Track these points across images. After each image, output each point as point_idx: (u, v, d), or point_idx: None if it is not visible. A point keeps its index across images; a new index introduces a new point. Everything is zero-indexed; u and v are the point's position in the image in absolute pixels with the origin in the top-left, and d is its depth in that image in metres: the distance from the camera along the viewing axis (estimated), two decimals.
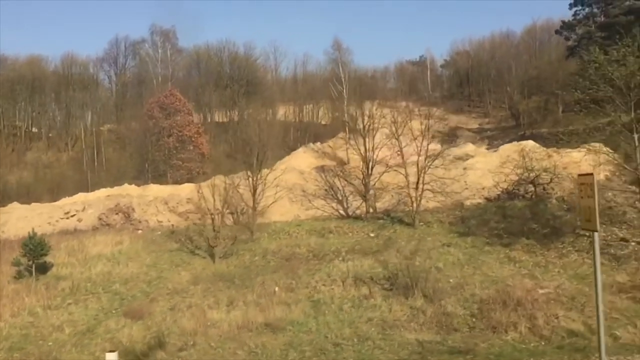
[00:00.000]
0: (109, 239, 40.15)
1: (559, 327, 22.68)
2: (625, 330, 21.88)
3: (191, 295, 30.50)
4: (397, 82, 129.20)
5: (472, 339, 22.64)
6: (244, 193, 42.74)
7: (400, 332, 23.73)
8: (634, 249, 30.81)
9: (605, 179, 43.01)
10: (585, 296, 25.16)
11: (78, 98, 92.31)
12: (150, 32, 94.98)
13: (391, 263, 31.23)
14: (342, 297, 28.40)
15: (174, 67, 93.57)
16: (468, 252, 33.41)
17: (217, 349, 23.76)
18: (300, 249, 36.78)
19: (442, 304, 25.76)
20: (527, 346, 21.91)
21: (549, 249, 32.31)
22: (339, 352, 22.65)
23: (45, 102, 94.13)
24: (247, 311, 27.13)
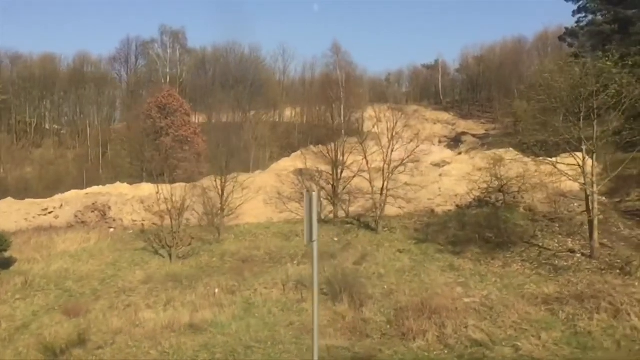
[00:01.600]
0: (78, 236, 41.04)
1: (466, 336, 22.81)
2: (528, 342, 21.98)
3: (136, 295, 31.14)
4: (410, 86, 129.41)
5: (379, 346, 22.92)
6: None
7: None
8: (577, 260, 30.77)
9: (580, 189, 42.85)
10: (505, 306, 25.28)
11: (88, 96, 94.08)
12: (160, 33, 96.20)
13: (339, 268, 31.46)
14: (277, 300, 28.81)
15: (182, 67, 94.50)
16: (417, 259, 33.65)
17: (133, 348, 24.30)
18: (259, 251, 37.32)
19: (363, 311, 26.00)
20: (429, 354, 22.13)
21: (495, 258, 32.41)
22: (248, 354, 23.06)
23: (56, 100, 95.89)
24: (178, 312, 27.64)
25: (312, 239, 10.43)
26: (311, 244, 10.53)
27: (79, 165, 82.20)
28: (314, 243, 10.64)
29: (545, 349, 21.53)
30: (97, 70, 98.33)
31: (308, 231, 10.38)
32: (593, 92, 30.41)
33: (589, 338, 22.06)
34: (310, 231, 10.38)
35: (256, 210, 45.69)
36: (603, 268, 29.03)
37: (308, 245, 10.48)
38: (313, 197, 10.26)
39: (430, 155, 50.51)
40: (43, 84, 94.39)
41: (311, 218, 10.36)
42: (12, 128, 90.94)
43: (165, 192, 38.62)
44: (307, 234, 10.32)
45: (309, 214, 10.26)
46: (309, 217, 10.29)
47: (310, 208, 10.27)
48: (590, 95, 30.50)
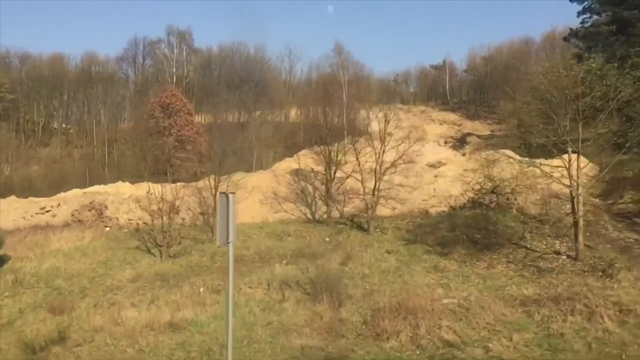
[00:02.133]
0: (73, 235, 41.46)
1: (438, 337, 22.90)
2: (499, 343, 22.04)
3: (123, 293, 31.45)
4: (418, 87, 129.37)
5: (352, 346, 23.05)
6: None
7: (291, 337, 24.18)
8: (562, 262, 30.81)
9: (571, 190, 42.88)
10: (482, 307, 25.38)
11: (96, 96, 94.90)
12: (167, 33, 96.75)
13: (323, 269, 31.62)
14: (259, 300, 29.00)
15: (188, 67, 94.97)
16: (403, 259, 33.83)
17: (111, 345, 24.57)
18: (249, 250, 37.54)
19: (341, 311, 26.17)
20: (401, 354, 22.25)
21: (480, 259, 32.53)
22: (222, 353, 23.20)
23: (64, 99, 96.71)
24: (161, 310, 27.89)
25: (228, 240, 10.61)
26: (227, 245, 10.68)
27: (85, 165, 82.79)
28: (229, 244, 10.81)
29: (516, 351, 21.59)
30: (104, 70, 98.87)
31: (223, 233, 10.55)
32: (579, 94, 30.40)
33: (560, 340, 22.07)
34: (226, 233, 10.53)
35: (252, 210, 45.91)
36: (586, 270, 29.05)
37: (222, 246, 10.63)
38: (230, 199, 10.44)
39: (425, 156, 50.49)
40: (51, 83, 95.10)
41: (227, 220, 10.53)
42: (20, 127, 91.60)
43: (157, 191, 38.79)
44: (221, 236, 10.50)
45: (224, 216, 10.43)
46: (224, 218, 10.47)
47: (226, 210, 10.44)
48: (576, 97, 30.48)
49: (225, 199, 10.30)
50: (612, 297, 24.13)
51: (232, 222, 10.49)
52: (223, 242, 10.54)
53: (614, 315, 22.97)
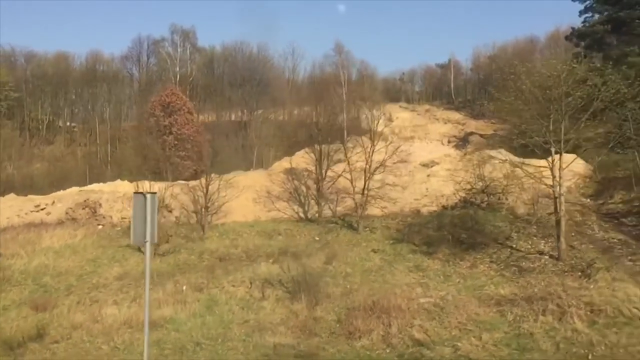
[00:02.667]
0: (65, 232, 41.81)
1: (409, 336, 23.09)
2: (468, 342, 22.19)
3: (107, 290, 31.78)
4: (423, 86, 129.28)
5: (324, 344, 23.28)
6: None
7: (265, 335, 24.43)
8: (544, 262, 30.87)
9: (567, 190, 42.85)
10: (456, 307, 25.54)
11: (100, 95, 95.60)
12: (171, 32, 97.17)
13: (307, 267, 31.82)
14: (240, 298, 29.29)
15: (192, 66, 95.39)
16: (388, 259, 33.99)
17: (87, 342, 24.90)
18: (237, 249, 37.81)
19: (317, 309, 26.36)
20: (372, 353, 22.44)
21: (464, 258, 32.65)
22: (196, 351, 23.55)
23: (69, 98, 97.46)
24: (142, 308, 27.96)
25: (145, 239, 10.80)
26: (144, 244, 10.87)
27: (88, 163, 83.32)
28: (147, 243, 11.01)
29: (484, 350, 21.73)
30: (109, 69, 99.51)
31: (138, 232, 10.73)
32: (562, 94, 30.46)
33: (529, 339, 22.20)
34: (142, 232, 10.72)
35: (245, 208, 46.20)
36: (566, 270, 29.11)
37: (136, 245, 10.82)
38: (147, 199, 10.63)
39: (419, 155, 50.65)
40: (56, 82, 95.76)
41: (145, 219, 10.72)
42: (25, 125, 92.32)
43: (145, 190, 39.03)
44: (135, 235, 10.68)
45: (141, 216, 10.62)
46: (140, 218, 10.66)
47: (144, 210, 10.63)
48: (559, 98, 30.55)
49: (143, 199, 10.46)
50: (585, 298, 24.16)
51: (152, 222, 10.61)
52: (138, 241, 10.69)
53: (584, 316, 23.03)
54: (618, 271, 27.71)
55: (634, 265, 28.97)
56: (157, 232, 10.91)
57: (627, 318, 22.55)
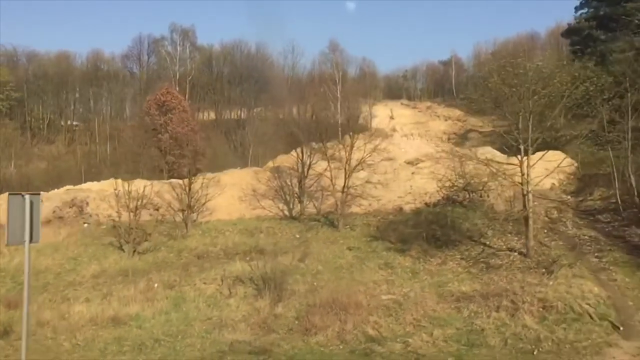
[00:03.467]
0: (50, 231, 42.10)
1: (363, 332, 23.37)
2: (419, 338, 22.42)
3: (82, 288, 32.21)
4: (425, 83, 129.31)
5: (279, 341, 23.57)
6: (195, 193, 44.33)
7: (224, 332, 24.78)
8: (512, 259, 31.13)
9: (550, 188, 43.09)
10: (415, 304, 25.81)
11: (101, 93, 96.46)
12: (170, 30, 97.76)
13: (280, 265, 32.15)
14: (209, 295, 29.58)
15: (192, 64, 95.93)
16: (361, 256, 34.29)
17: (50, 339, 25.29)
18: (216, 247, 38.27)
19: (279, 306, 26.71)
20: (325, 349, 22.73)
21: (436, 255, 32.94)
22: (154, 348, 23.90)
23: (70, 97, 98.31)
24: (111, 305, 28.55)
25: (23, 239, 11.15)
26: (22, 244, 11.21)
27: (87, 162, 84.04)
28: (25, 243, 11.35)
29: (434, 346, 21.99)
30: (110, 68, 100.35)
31: (13, 232, 11.07)
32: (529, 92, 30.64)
33: (480, 335, 22.43)
34: (18, 232, 11.06)
35: (230, 207, 46.67)
36: (532, 267, 29.35)
37: (11, 245, 11.18)
38: (27, 200, 10.98)
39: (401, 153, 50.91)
40: (57, 81, 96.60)
41: (24, 219, 11.06)
42: (27, 125, 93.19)
43: (125, 188, 39.56)
44: (13, 235, 11.02)
45: (19, 216, 10.96)
46: (19, 218, 11.01)
47: (22, 210, 10.97)
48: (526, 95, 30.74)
49: (21, 200, 10.82)
50: (539, 294, 24.35)
51: (34, 223, 10.97)
52: (14, 241, 11.06)
53: (536, 312, 23.25)
54: (581, 268, 27.91)
55: (599, 261, 29.21)
56: (39, 231, 11.21)
57: (577, 314, 22.75)
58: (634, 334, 21.72)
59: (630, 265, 28.15)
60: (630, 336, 21.56)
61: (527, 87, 29.95)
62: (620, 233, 32.94)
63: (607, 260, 29.02)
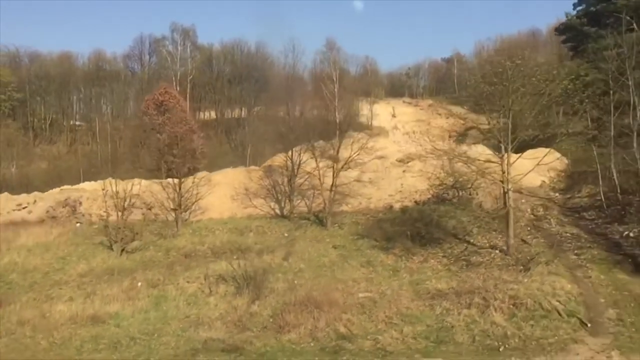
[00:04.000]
0: (42, 230, 42.74)
1: (335, 330, 23.63)
2: (389, 335, 22.76)
3: (67, 287, 32.54)
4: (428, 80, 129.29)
5: (253, 338, 23.89)
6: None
7: (200, 330, 25.15)
8: (493, 257, 31.30)
9: (540, 185, 43.22)
10: (390, 301, 26.13)
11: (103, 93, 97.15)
12: (171, 30, 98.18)
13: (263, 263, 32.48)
14: (190, 294, 29.95)
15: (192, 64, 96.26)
16: (345, 254, 34.56)
17: (29, 338, 25.64)
18: (203, 246, 38.57)
19: (256, 304, 26.99)
20: (296, 346, 23.05)
21: (419, 253, 33.20)
22: (130, 346, 24.28)
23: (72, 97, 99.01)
24: (94, 304, 28.92)
25: None
26: None
27: (89, 162, 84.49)
28: None
29: (403, 343, 22.30)
30: (112, 68, 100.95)
31: None
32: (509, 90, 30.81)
33: (449, 332, 22.72)
34: None
35: (222, 206, 46.95)
36: (511, 264, 29.53)
37: None
38: None
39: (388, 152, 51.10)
40: (60, 81, 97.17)
41: None
42: (29, 125, 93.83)
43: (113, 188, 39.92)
44: None
45: None
46: None
47: None
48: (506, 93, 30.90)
49: None
50: (511, 291, 24.52)
51: None
52: None
53: (506, 309, 23.45)
54: (558, 265, 28.10)
55: (578, 259, 29.38)
56: None
57: (545, 311, 22.95)
58: (601, 331, 21.92)
59: (607, 262, 28.30)
60: (598, 333, 21.75)
61: (505, 85, 30.03)
62: (603, 230, 33.01)
63: (585, 258, 29.15)
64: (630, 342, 20.87)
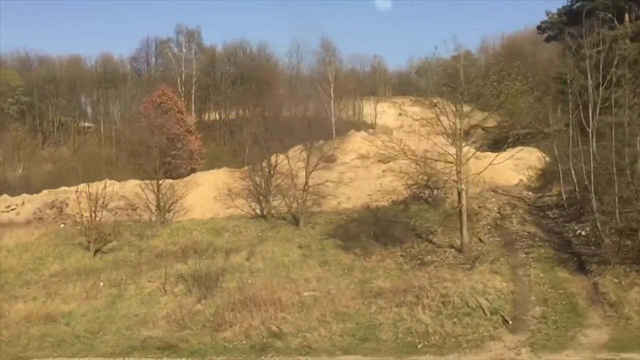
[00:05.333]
0: (25, 232, 43.88)
1: (267, 328, 24.29)
2: (318, 333, 23.43)
3: (35, 287, 33.60)
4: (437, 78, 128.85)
5: (190, 337, 24.71)
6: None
7: (143, 329, 26.04)
8: (447, 255, 31.64)
9: (517, 184, 43.53)
10: (330, 300, 26.82)
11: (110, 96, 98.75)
12: (176, 32, 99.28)
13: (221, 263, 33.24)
14: (147, 293, 30.85)
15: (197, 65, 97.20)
16: (308, 254, 35.13)
17: None
18: (176, 246, 39.32)
19: (202, 302, 27.75)
20: (229, 344, 23.83)
21: (377, 253, 33.53)
22: (73, 344, 25.25)
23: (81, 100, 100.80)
24: (52, 303, 29.90)
25: None
26: None
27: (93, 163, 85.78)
28: None
29: (329, 340, 22.95)
30: (119, 70, 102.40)
31: None
32: (459, 93, 31.32)
33: (376, 330, 23.36)
34: None
35: (204, 206, 47.77)
36: (461, 263, 29.98)
37: None
38: None
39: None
40: (68, 84, 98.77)
41: None
42: (38, 128, 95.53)
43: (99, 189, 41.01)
44: None
45: None
46: None
47: None
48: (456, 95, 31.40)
49: None
50: (444, 290, 25.02)
51: None
52: None
53: (435, 307, 24.00)
54: (502, 264, 28.51)
55: (526, 257, 29.77)
56: None
57: (470, 309, 23.44)
58: (522, 328, 22.38)
59: (553, 261, 28.62)
60: (517, 330, 22.21)
61: (452, 86, 30.49)
62: (561, 229, 33.30)
63: (533, 256, 29.50)
64: (546, 339, 21.29)
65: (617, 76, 33.16)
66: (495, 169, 45.34)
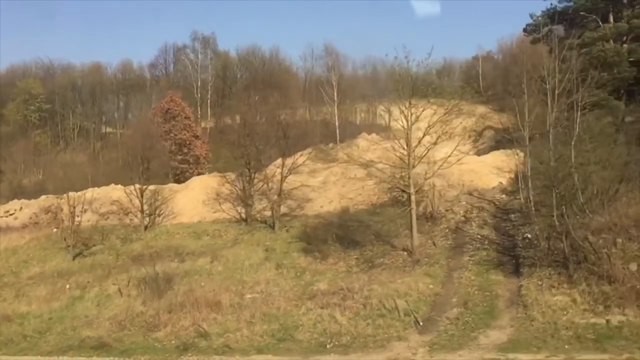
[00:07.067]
0: (18, 236, 45.82)
1: (195, 329, 25.40)
2: (240, 333, 24.57)
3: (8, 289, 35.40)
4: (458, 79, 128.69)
5: (125, 337, 26.07)
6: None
7: (86, 329, 27.41)
8: (398, 258, 32.26)
9: (497, 186, 43.93)
10: (267, 302, 27.73)
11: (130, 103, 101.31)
12: (192, 38, 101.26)
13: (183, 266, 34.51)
14: (107, 296, 32.24)
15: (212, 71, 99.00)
16: (271, 257, 36.01)
17: None
18: (151, 250, 40.56)
19: (146, 304, 28.98)
20: (158, 344, 25.07)
21: (334, 256, 34.29)
22: (19, 343, 26.86)
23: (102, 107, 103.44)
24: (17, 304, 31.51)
25: None
26: None
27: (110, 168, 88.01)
28: None
29: (249, 340, 24.02)
30: (138, 77, 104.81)
31: None
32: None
33: (295, 331, 24.34)
34: None
35: (193, 210, 49.11)
36: (407, 265, 30.65)
37: None
38: None
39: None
40: (89, 91, 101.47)
41: None
42: (59, 134, 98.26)
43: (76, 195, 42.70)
44: None
45: None
46: None
47: None
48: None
49: None
50: (369, 292, 25.83)
51: None
52: None
53: (355, 308, 24.87)
54: (441, 266, 29.21)
55: (469, 260, 30.30)
56: None
57: (386, 310, 24.23)
58: (432, 329, 23.07)
59: (491, 264, 29.08)
60: (425, 331, 22.93)
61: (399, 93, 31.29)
62: (514, 232, 33.62)
63: (474, 259, 30.05)
64: (449, 339, 21.92)
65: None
66: (476, 171, 46.15)
